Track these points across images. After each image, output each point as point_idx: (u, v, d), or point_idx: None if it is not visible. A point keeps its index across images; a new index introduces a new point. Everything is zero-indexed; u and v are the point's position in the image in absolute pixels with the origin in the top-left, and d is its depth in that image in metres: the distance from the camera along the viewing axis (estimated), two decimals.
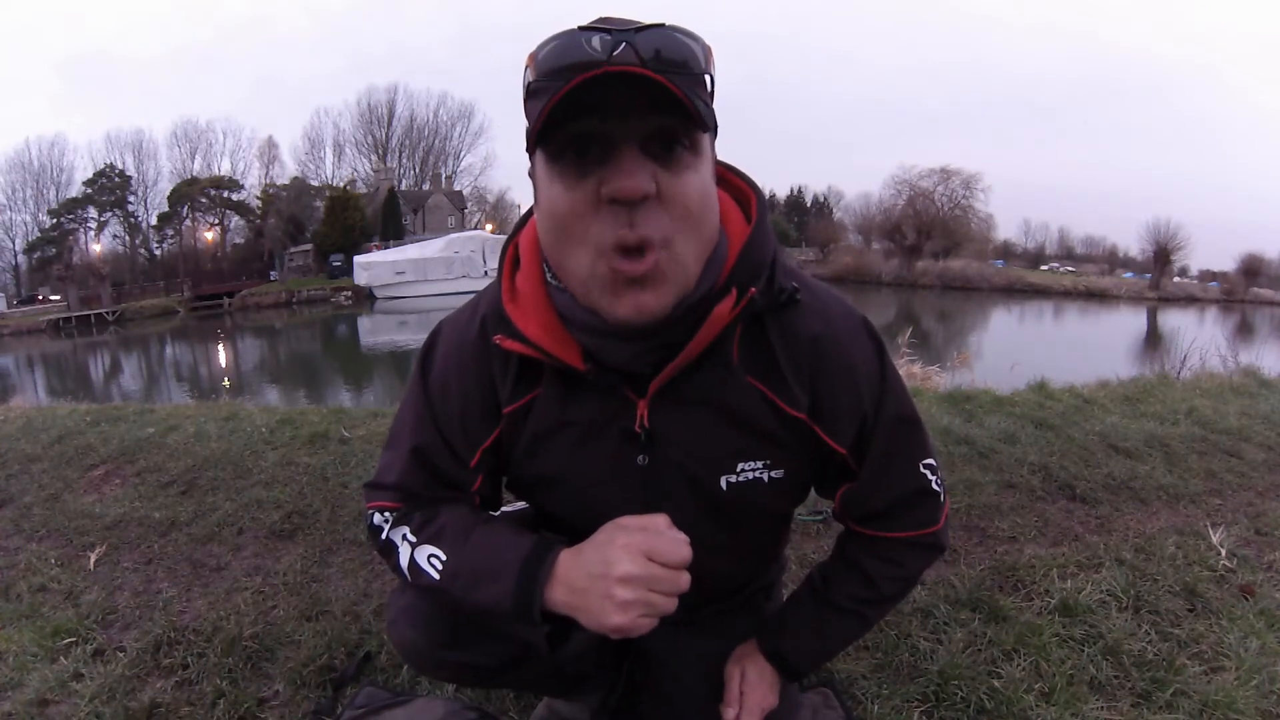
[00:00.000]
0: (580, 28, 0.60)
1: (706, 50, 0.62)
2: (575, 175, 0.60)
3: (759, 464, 0.77)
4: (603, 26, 0.59)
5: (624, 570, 0.65)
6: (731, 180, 0.77)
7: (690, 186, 0.61)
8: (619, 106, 0.57)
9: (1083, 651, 1.34)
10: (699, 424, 0.74)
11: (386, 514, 0.82)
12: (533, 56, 0.62)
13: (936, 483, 0.84)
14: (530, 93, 0.62)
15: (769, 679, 0.95)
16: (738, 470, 0.77)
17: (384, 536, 0.82)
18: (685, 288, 0.64)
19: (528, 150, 0.64)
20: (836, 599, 0.89)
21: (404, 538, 0.79)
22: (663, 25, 0.60)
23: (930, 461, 0.84)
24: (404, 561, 0.78)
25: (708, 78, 0.62)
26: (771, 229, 0.73)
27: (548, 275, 0.71)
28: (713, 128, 0.63)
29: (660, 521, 0.69)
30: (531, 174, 0.67)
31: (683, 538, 0.69)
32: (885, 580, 0.87)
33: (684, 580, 0.67)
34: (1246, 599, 1.55)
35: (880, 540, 0.86)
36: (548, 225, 0.64)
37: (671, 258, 0.61)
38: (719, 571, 0.88)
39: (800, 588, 0.96)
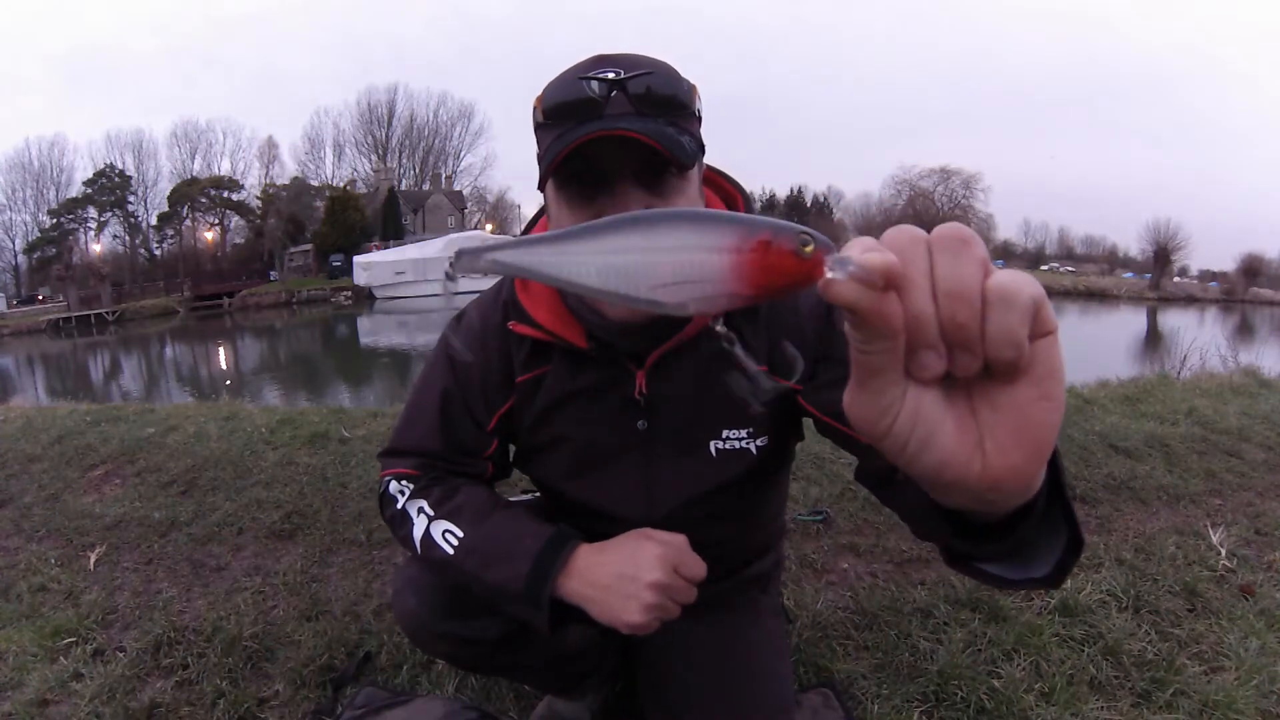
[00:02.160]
0: (580, 77, 0.67)
1: (692, 88, 0.70)
2: (580, 201, 0.69)
3: (743, 432, 0.84)
4: (599, 75, 0.67)
5: (655, 577, 0.72)
6: (720, 183, 0.84)
7: (678, 206, 0.69)
8: (611, 154, 0.66)
9: (1083, 651, 1.34)
10: (686, 394, 0.82)
11: (404, 483, 0.86)
12: (540, 98, 0.70)
13: None
14: (539, 126, 0.70)
15: None
16: (723, 437, 0.84)
17: (399, 507, 0.85)
18: None
19: (540, 177, 0.72)
20: None
21: (420, 510, 0.83)
22: (651, 72, 0.67)
23: None
24: (417, 534, 0.82)
25: (697, 110, 0.71)
26: None
27: None
28: (695, 157, 0.70)
29: (683, 540, 0.76)
30: (542, 189, 0.75)
31: (700, 560, 0.75)
32: None
33: (694, 595, 0.75)
34: (1246, 599, 1.56)
35: None
36: None
37: None
38: (719, 536, 0.91)
39: None
